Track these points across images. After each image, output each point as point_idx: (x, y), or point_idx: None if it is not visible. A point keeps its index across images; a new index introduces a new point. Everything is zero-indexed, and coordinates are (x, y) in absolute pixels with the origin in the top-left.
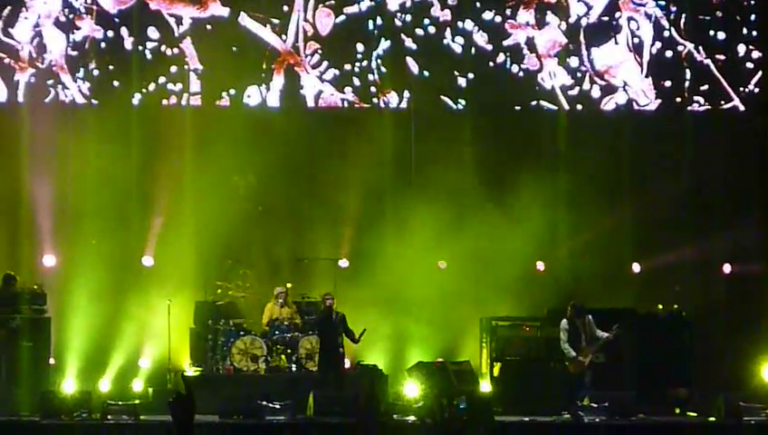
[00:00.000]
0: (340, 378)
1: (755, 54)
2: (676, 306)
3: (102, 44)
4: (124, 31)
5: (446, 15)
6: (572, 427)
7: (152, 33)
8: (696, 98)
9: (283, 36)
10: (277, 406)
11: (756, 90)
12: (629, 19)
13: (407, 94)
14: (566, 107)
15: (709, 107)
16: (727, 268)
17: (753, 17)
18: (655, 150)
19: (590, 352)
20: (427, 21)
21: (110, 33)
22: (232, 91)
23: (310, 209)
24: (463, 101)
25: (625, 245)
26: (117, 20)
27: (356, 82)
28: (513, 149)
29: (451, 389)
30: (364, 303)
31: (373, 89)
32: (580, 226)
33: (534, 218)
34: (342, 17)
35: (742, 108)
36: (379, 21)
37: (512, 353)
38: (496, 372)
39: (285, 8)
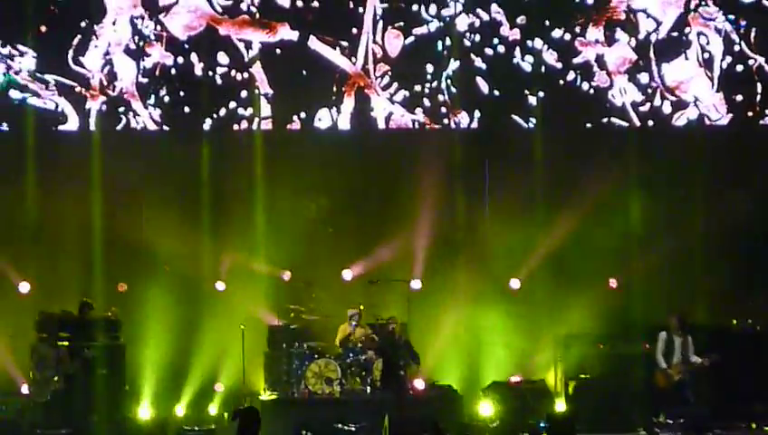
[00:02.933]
0: (403, 400)
1: None
2: (750, 321)
3: (173, 71)
4: (194, 57)
5: (515, 34)
6: None
7: (222, 58)
8: (767, 111)
9: (353, 59)
10: (353, 429)
11: None
12: (699, 34)
13: (477, 114)
14: (637, 123)
15: None
16: None
17: None
18: (727, 165)
19: (680, 371)
20: (496, 40)
21: (180, 60)
22: (302, 115)
23: (381, 231)
24: (534, 120)
25: (697, 259)
26: (186, 46)
27: (426, 102)
28: (585, 166)
29: (526, 408)
30: (438, 323)
31: (444, 109)
32: (652, 241)
33: (606, 235)
34: (411, 38)
35: None
36: (447, 41)
37: (586, 371)
38: (571, 390)
39: (354, 30)
